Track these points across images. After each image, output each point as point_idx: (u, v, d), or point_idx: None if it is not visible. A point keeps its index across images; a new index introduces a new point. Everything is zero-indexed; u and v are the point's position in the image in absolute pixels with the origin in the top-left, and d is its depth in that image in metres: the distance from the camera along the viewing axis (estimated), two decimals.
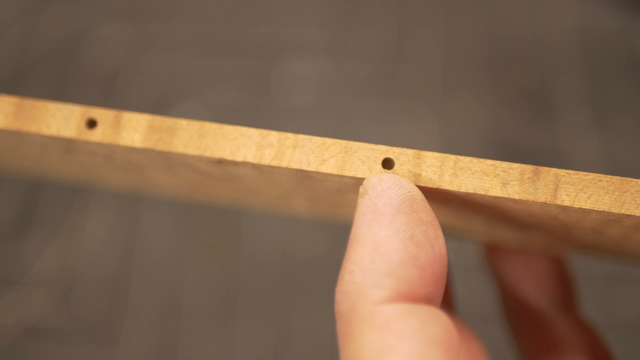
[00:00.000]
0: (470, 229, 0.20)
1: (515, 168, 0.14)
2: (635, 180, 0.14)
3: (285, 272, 0.53)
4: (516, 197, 0.14)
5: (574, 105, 0.57)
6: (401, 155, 0.14)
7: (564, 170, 0.14)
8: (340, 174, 0.14)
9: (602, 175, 0.14)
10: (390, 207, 0.13)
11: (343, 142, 0.14)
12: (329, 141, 0.14)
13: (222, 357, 0.51)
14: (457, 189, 0.14)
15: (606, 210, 0.14)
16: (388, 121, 0.57)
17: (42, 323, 0.52)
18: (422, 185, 0.14)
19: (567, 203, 0.14)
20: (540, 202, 0.14)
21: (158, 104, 0.59)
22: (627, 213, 0.14)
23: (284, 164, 0.14)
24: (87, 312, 0.52)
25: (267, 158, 0.14)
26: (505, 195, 0.14)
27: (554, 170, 0.14)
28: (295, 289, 0.53)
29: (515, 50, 0.60)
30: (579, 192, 0.14)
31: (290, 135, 0.15)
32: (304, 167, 0.14)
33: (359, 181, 0.15)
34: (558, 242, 0.19)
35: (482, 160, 0.14)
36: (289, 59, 0.60)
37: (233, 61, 0.60)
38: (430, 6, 0.62)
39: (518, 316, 0.20)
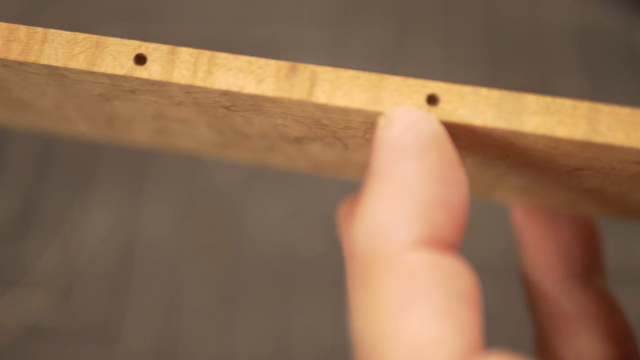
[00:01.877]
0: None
1: (272, 65, 0.13)
2: (393, 77, 0.13)
3: (286, 272, 0.53)
4: (270, 94, 0.13)
5: None
6: (155, 50, 0.13)
7: (322, 67, 0.13)
8: (90, 69, 0.13)
9: (360, 72, 0.13)
10: (420, 143, 0.12)
11: (95, 37, 0.14)
12: (80, 36, 0.14)
13: (222, 357, 0.51)
14: (210, 86, 0.13)
15: (363, 108, 0.13)
16: None
17: (42, 323, 0.52)
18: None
19: (322, 101, 0.13)
20: (296, 100, 0.13)
21: None
22: (384, 111, 0.13)
23: (31, 58, 0.14)
24: (87, 312, 0.52)
25: (14, 52, 0.14)
26: (260, 93, 0.13)
27: (312, 66, 0.13)
28: (295, 289, 0.53)
29: (515, 50, 0.60)
30: (336, 89, 0.13)
31: (40, 29, 0.14)
32: (52, 62, 0.14)
33: (114, 81, 0.14)
34: (340, 162, 0.18)
35: (238, 56, 0.13)
36: (289, 59, 0.60)
37: None
38: (430, 6, 0.62)
39: (535, 284, 0.20)
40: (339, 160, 0.18)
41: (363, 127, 0.14)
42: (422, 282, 0.12)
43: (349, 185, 0.55)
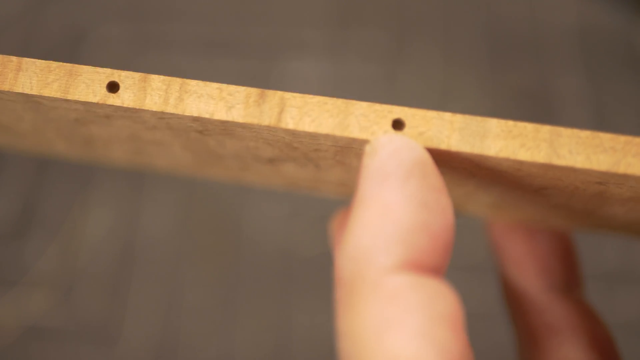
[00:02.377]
0: None
1: (241, 91, 0.14)
2: (360, 102, 0.13)
3: (286, 272, 0.53)
4: (240, 120, 0.13)
5: (574, 105, 0.57)
6: (127, 78, 0.14)
7: (291, 93, 0.14)
8: (64, 97, 0.14)
9: (328, 98, 0.14)
10: (403, 169, 0.13)
11: (68, 66, 0.14)
12: (54, 64, 0.14)
13: (222, 357, 0.51)
14: (181, 113, 0.14)
15: (330, 133, 0.13)
16: None
17: (42, 323, 0.52)
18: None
19: (291, 126, 0.13)
20: (265, 126, 0.13)
21: None
22: (351, 136, 0.13)
23: (5, 87, 0.14)
24: (87, 312, 0.52)
25: None
26: (231, 119, 0.14)
27: (280, 93, 0.14)
28: (296, 288, 0.53)
29: (515, 50, 0.60)
30: (304, 115, 0.13)
31: (14, 58, 0.14)
32: (27, 91, 0.14)
33: (88, 107, 0.14)
34: (314, 180, 0.19)
35: (209, 83, 0.14)
36: (289, 59, 0.60)
37: (233, 61, 0.60)
38: (430, 6, 0.62)
39: (517, 298, 0.20)
40: (312, 179, 0.19)
41: (332, 149, 0.14)
42: (403, 304, 0.12)
43: None
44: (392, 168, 0.13)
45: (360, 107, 0.13)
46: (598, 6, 0.61)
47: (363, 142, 0.14)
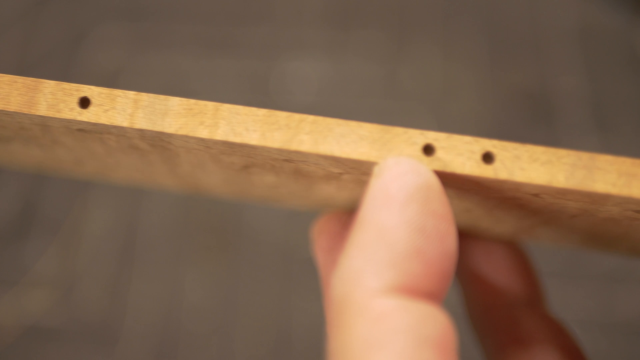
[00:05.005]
0: None
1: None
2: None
3: (286, 272, 0.53)
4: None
5: (574, 105, 0.57)
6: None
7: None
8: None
9: (18, 76, 0.14)
10: (404, 193, 0.12)
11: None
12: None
13: (222, 357, 0.51)
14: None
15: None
16: (388, 121, 0.57)
17: (42, 323, 0.52)
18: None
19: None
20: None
21: None
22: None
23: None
24: (87, 312, 0.52)
25: None
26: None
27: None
28: (296, 288, 0.53)
29: (515, 49, 0.60)
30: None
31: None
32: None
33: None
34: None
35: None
36: (289, 59, 0.60)
37: (233, 61, 0.60)
38: (430, 6, 0.62)
39: (482, 313, 0.20)
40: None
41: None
42: (389, 326, 0.12)
43: None
44: (394, 191, 0.13)
45: (49, 86, 0.14)
46: (598, 6, 0.61)
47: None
